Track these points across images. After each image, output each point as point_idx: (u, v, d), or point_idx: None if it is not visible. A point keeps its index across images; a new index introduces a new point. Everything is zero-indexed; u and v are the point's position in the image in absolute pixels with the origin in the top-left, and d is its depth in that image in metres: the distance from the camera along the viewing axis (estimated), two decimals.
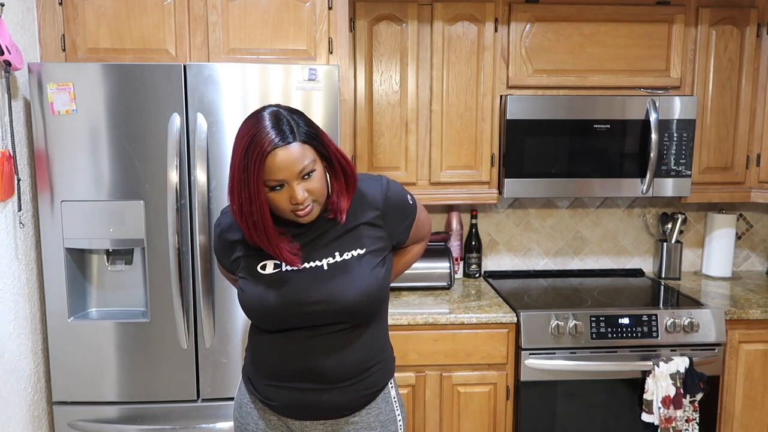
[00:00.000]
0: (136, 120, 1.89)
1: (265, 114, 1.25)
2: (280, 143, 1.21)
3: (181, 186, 1.90)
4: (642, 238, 2.87)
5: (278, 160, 1.20)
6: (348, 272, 1.32)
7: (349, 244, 1.34)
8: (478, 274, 2.75)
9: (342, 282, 1.31)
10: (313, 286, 1.31)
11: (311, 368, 1.33)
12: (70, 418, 1.99)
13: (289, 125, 1.23)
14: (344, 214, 1.33)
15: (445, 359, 2.20)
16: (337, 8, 2.08)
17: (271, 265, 1.34)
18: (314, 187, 1.25)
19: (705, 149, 2.50)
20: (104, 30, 2.03)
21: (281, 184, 1.23)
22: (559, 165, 2.40)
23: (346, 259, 1.33)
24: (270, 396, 1.39)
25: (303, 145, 1.23)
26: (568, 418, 2.23)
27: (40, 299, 2.03)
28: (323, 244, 1.34)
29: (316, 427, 1.39)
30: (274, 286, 1.32)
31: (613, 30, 2.42)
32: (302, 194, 1.23)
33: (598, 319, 2.20)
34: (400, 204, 1.42)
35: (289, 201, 1.25)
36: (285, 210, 1.26)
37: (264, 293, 1.31)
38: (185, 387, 2.00)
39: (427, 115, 2.43)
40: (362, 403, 1.39)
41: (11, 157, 1.81)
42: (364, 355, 1.37)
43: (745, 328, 2.28)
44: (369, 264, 1.34)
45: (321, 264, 1.32)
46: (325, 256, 1.33)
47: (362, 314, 1.34)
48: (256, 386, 1.42)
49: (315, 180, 1.26)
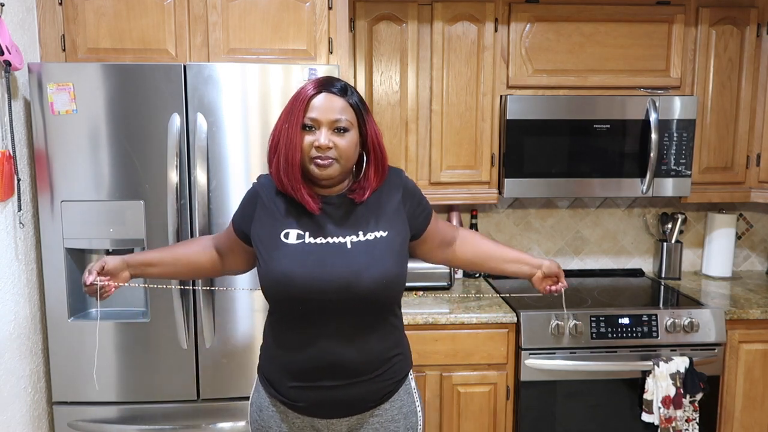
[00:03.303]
0: (136, 120, 1.89)
1: (327, 76, 1.38)
2: (328, 90, 1.31)
3: (181, 186, 1.90)
4: (642, 238, 2.87)
5: (319, 99, 1.30)
6: (370, 253, 1.33)
7: (373, 226, 1.37)
8: (478, 274, 2.75)
9: (364, 261, 1.32)
10: (336, 263, 1.31)
11: (336, 363, 1.33)
12: (70, 418, 1.99)
13: (343, 85, 1.33)
14: (367, 193, 1.37)
15: (445, 359, 2.20)
16: (337, 8, 2.08)
17: (294, 234, 1.35)
18: (342, 144, 1.31)
19: (705, 149, 2.50)
20: (104, 30, 2.03)
21: (313, 125, 1.30)
22: (559, 165, 2.40)
23: (369, 240, 1.35)
24: (296, 398, 1.38)
25: (348, 105, 1.32)
26: (568, 418, 2.23)
27: (40, 299, 2.03)
28: (348, 222, 1.37)
29: (342, 423, 1.39)
30: (297, 258, 1.32)
31: (613, 30, 2.42)
32: (326, 141, 1.29)
33: (598, 319, 2.20)
34: (415, 193, 1.47)
35: (313, 145, 1.30)
36: (307, 155, 1.31)
37: (289, 265, 1.31)
38: (185, 387, 2.00)
39: (427, 115, 2.43)
40: (386, 395, 1.41)
41: (11, 157, 1.81)
42: (385, 345, 1.39)
43: (745, 328, 2.28)
44: (390, 248, 1.36)
45: (344, 241, 1.34)
46: (349, 234, 1.35)
47: (381, 298, 1.35)
48: (279, 388, 1.40)
49: (345, 139, 1.31)
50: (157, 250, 1.52)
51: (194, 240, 1.62)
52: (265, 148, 1.87)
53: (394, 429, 1.42)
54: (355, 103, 1.33)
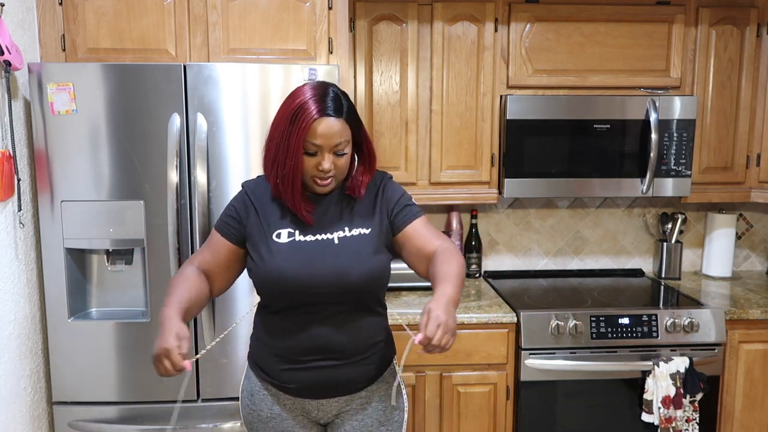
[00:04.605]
0: (136, 120, 1.89)
1: (315, 83, 1.40)
2: (329, 114, 1.34)
3: (181, 186, 1.90)
4: (642, 238, 2.87)
5: (322, 127, 1.33)
6: (356, 250, 1.41)
7: (358, 222, 1.45)
8: (478, 274, 2.75)
9: (351, 258, 1.40)
10: (325, 258, 1.39)
11: (326, 344, 1.40)
12: (70, 418, 1.99)
13: (338, 101, 1.37)
14: (363, 190, 1.47)
15: (445, 359, 2.20)
16: (337, 8, 2.08)
17: (285, 233, 1.42)
18: (340, 164, 1.39)
19: (705, 149, 2.50)
20: (104, 30, 2.03)
21: (315, 150, 1.36)
22: (559, 165, 2.40)
23: (354, 236, 1.43)
24: (287, 379, 1.43)
25: (344, 123, 1.37)
26: (568, 418, 2.23)
27: (40, 299, 2.03)
28: (335, 219, 1.44)
29: (332, 404, 1.45)
30: (289, 255, 1.39)
31: (613, 30, 2.42)
32: (329, 165, 1.36)
33: (598, 319, 2.20)
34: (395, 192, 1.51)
35: (316, 167, 1.37)
36: (308, 174, 1.39)
37: (282, 263, 1.37)
38: (185, 387, 2.00)
39: (427, 115, 2.43)
40: (374, 376, 1.48)
41: (11, 157, 1.81)
42: (371, 332, 1.46)
43: (745, 328, 2.28)
44: (373, 244, 1.43)
45: (332, 237, 1.42)
46: (336, 230, 1.43)
47: (367, 293, 1.42)
48: (269, 372, 1.45)
49: (343, 159, 1.39)
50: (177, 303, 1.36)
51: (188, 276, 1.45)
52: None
53: (382, 409, 1.48)
54: (349, 116, 1.38)
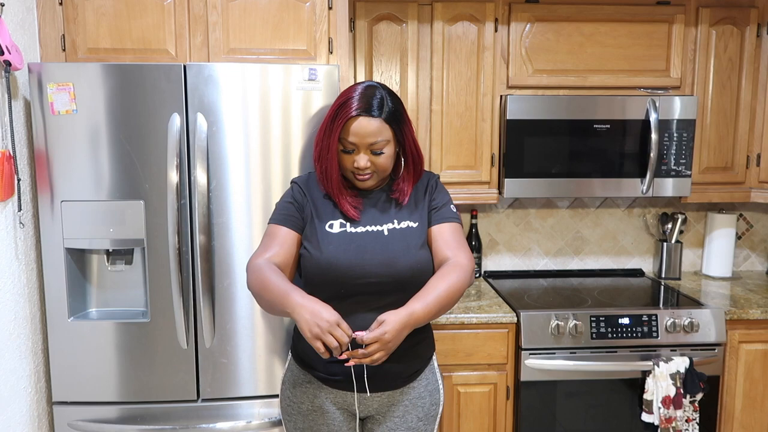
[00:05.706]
0: (136, 120, 1.89)
1: (365, 84, 1.46)
2: (364, 113, 1.39)
3: (181, 186, 1.90)
4: (642, 238, 2.87)
5: (356, 125, 1.39)
6: (405, 241, 1.48)
7: (406, 216, 1.53)
8: (478, 274, 2.75)
9: (399, 248, 1.47)
10: (375, 248, 1.46)
11: None
12: (70, 418, 1.99)
13: (380, 102, 1.41)
14: (407, 195, 1.54)
15: (445, 359, 2.20)
16: (337, 8, 2.08)
17: (337, 224, 1.49)
18: (379, 162, 1.45)
19: (705, 149, 2.50)
20: (104, 30, 2.03)
21: (352, 148, 1.42)
22: (559, 165, 2.40)
23: (403, 228, 1.50)
24: (333, 371, 1.46)
25: (383, 123, 1.41)
26: (568, 418, 2.23)
27: (40, 299, 2.03)
28: (384, 210, 1.53)
29: (374, 399, 1.49)
30: (341, 245, 1.45)
31: (613, 30, 2.42)
32: (365, 163, 1.43)
33: (598, 319, 2.20)
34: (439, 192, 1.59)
35: (353, 164, 1.44)
36: (347, 169, 1.47)
37: (334, 252, 1.44)
38: (185, 387, 2.00)
39: (427, 115, 2.43)
40: (415, 372, 1.54)
41: (11, 157, 1.81)
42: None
43: (745, 328, 2.28)
44: (422, 238, 1.51)
45: (381, 229, 1.49)
46: (385, 222, 1.51)
47: (413, 284, 1.45)
48: (315, 365, 1.48)
49: (382, 158, 1.45)
50: (298, 289, 1.37)
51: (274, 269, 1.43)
52: (264, 148, 1.91)
53: (421, 405, 1.55)
54: (390, 116, 1.43)
